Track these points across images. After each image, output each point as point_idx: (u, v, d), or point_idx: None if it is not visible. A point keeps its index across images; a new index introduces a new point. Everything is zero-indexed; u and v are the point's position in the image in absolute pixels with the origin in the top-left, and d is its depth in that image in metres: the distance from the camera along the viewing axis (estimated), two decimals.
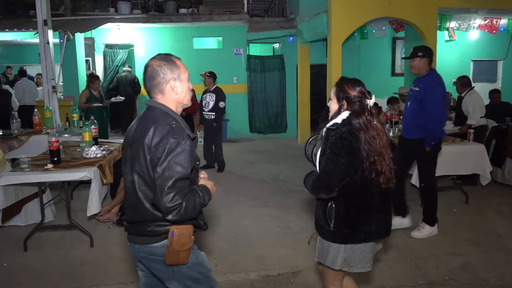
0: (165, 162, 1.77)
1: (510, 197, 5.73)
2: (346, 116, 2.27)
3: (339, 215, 2.29)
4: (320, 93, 9.75)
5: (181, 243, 1.88)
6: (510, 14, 8.36)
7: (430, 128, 4.10)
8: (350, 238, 2.30)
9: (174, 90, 1.96)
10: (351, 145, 2.19)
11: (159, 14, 9.83)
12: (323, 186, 2.22)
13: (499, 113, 7.29)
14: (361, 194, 2.28)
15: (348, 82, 2.35)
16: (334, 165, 2.18)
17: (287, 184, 6.56)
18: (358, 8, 7.34)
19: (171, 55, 2.01)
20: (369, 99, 2.31)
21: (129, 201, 1.98)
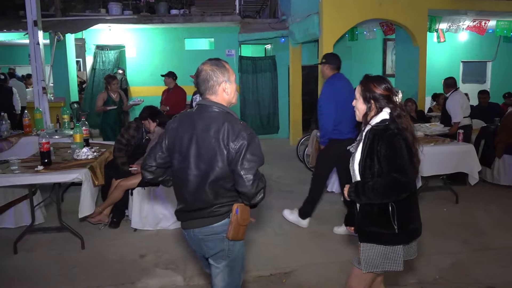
0: (246, 154, 2.01)
1: (499, 196, 5.81)
2: (386, 115, 2.24)
3: (402, 215, 2.22)
4: (311, 94, 9.78)
5: (243, 218, 2.13)
6: (498, 16, 8.47)
7: (321, 124, 4.47)
8: (414, 235, 2.30)
9: (226, 91, 2.16)
10: (406, 138, 2.18)
11: (150, 15, 9.81)
12: (402, 185, 2.12)
13: (488, 113, 7.40)
14: (414, 189, 2.26)
15: (373, 80, 2.30)
16: (402, 161, 2.13)
17: (279, 184, 6.57)
18: (349, 9, 7.38)
19: (220, 59, 2.20)
20: (397, 96, 2.31)
21: (190, 191, 2.14)
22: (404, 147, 2.14)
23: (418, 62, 7.97)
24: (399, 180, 2.10)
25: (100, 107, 6.85)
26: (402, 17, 7.66)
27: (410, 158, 2.16)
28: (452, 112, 6.08)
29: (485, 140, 6.45)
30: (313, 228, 4.69)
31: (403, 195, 2.14)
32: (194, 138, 2.10)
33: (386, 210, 2.21)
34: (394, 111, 2.23)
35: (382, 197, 2.15)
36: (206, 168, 2.07)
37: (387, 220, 2.21)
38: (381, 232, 2.24)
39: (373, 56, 11.26)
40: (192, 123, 2.14)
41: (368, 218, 2.28)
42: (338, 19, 7.37)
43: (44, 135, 4.13)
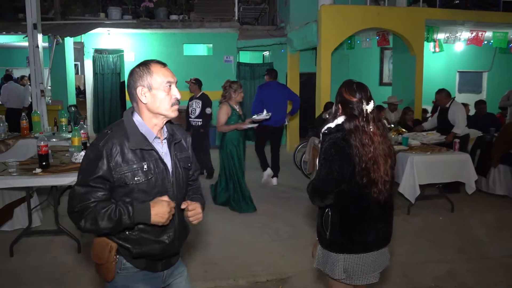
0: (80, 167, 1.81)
1: (494, 205, 5.85)
2: (341, 121, 2.19)
3: (335, 224, 2.20)
4: (309, 101, 9.84)
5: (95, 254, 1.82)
6: (494, 27, 8.57)
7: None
8: (346, 248, 2.21)
9: (141, 99, 1.79)
10: (344, 150, 2.10)
11: (149, 20, 9.85)
12: (318, 193, 2.16)
13: (484, 123, 7.46)
14: (358, 203, 2.19)
15: (346, 86, 2.25)
16: (327, 171, 2.11)
17: (275, 191, 6.59)
18: (348, 18, 7.46)
19: (151, 60, 1.84)
20: (367, 105, 2.18)
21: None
22: (336, 158, 2.09)
23: (415, 71, 8.05)
24: (316, 188, 2.17)
25: (224, 126, 5.34)
26: (399, 27, 7.74)
27: (342, 170, 2.09)
28: (460, 122, 6.11)
29: (481, 150, 6.50)
30: (310, 235, 4.70)
31: (317, 201, 2.19)
32: None
33: (323, 214, 2.26)
34: (350, 120, 2.15)
35: (309, 198, 2.23)
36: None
37: (321, 224, 2.27)
38: (321, 233, 2.29)
39: (370, 64, 11.35)
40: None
41: (317, 217, 2.36)
42: (337, 27, 7.44)
43: (42, 138, 4.12)
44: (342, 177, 2.11)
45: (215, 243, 4.46)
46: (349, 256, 2.21)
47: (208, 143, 7.50)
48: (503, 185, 6.17)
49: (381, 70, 11.50)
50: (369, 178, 2.13)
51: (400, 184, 5.17)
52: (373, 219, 2.22)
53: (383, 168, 2.16)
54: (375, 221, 2.22)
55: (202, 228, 4.83)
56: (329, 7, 7.38)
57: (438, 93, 6.42)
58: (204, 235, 4.65)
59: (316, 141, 6.21)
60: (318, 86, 7.82)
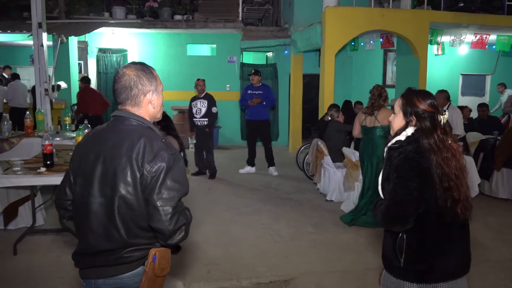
0: (166, 181, 1.60)
1: (497, 209, 5.84)
2: (411, 133, 1.95)
3: (411, 249, 1.93)
4: (312, 102, 9.84)
5: (162, 268, 1.70)
6: (499, 31, 8.56)
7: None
8: (425, 276, 1.95)
9: (152, 103, 1.77)
10: (420, 165, 1.86)
11: (154, 20, 9.87)
12: (396, 217, 1.89)
13: (487, 126, 7.46)
14: (437, 225, 1.93)
15: (417, 94, 2.02)
16: (404, 192, 1.84)
17: (278, 192, 6.59)
18: (352, 20, 7.46)
19: (147, 64, 1.82)
20: (442, 115, 1.99)
21: (94, 226, 1.67)
22: (413, 175, 1.85)
23: (419, 74, 8.04)
24: (392, 211, 1.89)
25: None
26: (403, 29, 7.74)
27: (421, 189, 1.85)
28: (457, 124, 6.13)
29: (484, 153, 6.50)
30: (313, 237, 4.71)
31: (397, 227, 1.92)
32: (101, 156, 1.67)
33: (396, 239, 1.98)
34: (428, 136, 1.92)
35: (383, 223, 1.98)
36: (113, 194, 1.62)
37: (394, 250, 1.99)
38: (391, 260, 2.02)
39: (373, 66, 11.34)
40: (101, 138, 1.73)
41: (385, 242, 2.09)
42: (341, 29, 7.44)
43: (47, 137, 4.14)
44: (421, 196, 1.86)
45: (218, 244, 4.47)
46: (426, 286, 1.96)
47: (212, 143, 7.54)
48: (506, 188, 6.16)
49: (385, 72, 11.49)
50: (453, 199, 1.91)
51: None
52: (454, 242, 1.99)
53: (464, 182, 1.95)
54: (456, 244, 2.00)
55: (205, 228, 4.84)
56: (334, 9, 7.38)
57: (440, 93, 6.39)
58: (207, 236, 4.65)
59: (319, 142, 6.21)
60: (321, 87, 7.82)
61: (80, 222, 1.73)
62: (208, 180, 7.21)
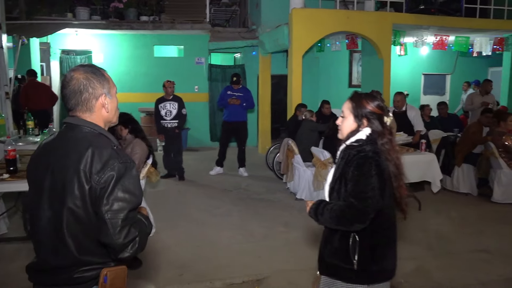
0: (115, 191, 1.50)
1: (458, 203, 6.09)
2: (369, 133, 1.99)
3: (365, 250, 1.92)
4: (280, 103, 9.94)
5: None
6: (457, 32, 8.93)
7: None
8: (378, 277, 1.96)
9: (105, 107, 1.66)
10: (379, 165, 1.90)
11: (119, 21, 9.69)
12: (358, 214, 1.86)
13: (448, 124, 7.77)
14: (388, 224, 1.98)
15: (366, 97, 2.05)
16: (367, 188, 1.85)
17: (248, 192, 6.63)
18: (318, 21, 7.60)
19: (97, 66, 1.72)
20: (388, 117, 2.04)
21: (44, 243, 1.59)
22: (374, 173, 1.87)
23: (383, 74, 8.28)
24: (355, 207, 1.86)
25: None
26: (368, 31, 7.95)
27: (381, 188, 1.89)
28: (417, 122, 6.37)
29: (445, 150, 6.77)
30: (284, 236, 4.77)
31: (356, 225, 1.88)
32: (49, 167, 1.58)
33: (347, 241, 1.94)
34: (381, 136, 1.99)
35: (334, 221, 1.91)
36: (60, 208, 1.53)
37: (346, 253, 1.94)
38: (339, 265, 1.97)
39: (339, 67, 11.57)
40: (50, 148, 1.64)
41: (328, 247, 2.04)
42: (308, 30, 7.56)
43: (10, 142, 4.01)
44: (382, 194, 1.89)
45: (190, 246, 4.45)
46: (377, 286, 1.97)
47: (181, 145, 7.49)
48: (467, 183, 6.45)
49: (350, 72, 11.74)
50: (401, 195, 1.99)
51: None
52: (395, 241, 2.06)
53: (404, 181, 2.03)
54: (395, 242, 2.05)
55: (177, 231, 4.81)
56: (300, 11, 7.50)
57: (399, 95, 6.61)
58: (179, 238, 4.63)
59: (289, 141, 6.29)
60: (289, 88, 7.92)
61: (32, 235, 1.65)
62: (178, 182, 7.17)
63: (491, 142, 6.10)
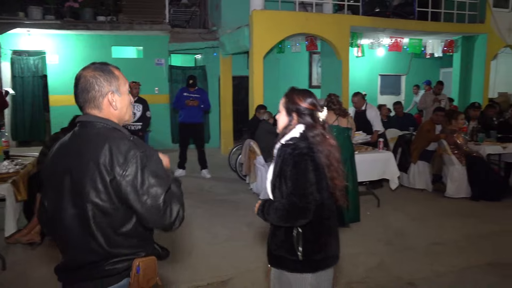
0: (146, 179, 1.53)
1: (415, 199, 6.34)
2: (302, 130, 2.07)
3: (309, 241, 2.02)
4: (242, 104, 9.97)
5: (147, 278, 1.64)
6: (411, 34, 9.30)
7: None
8: (321, 265, 2.07)
9: (113, 104, 1.68)
10: (314, 160, 1.99)
11: (75, 21, 9.37)
12: (301, 211, 1.94)
13: (403, 123, 8.07)
14: (328, 214, 2.08)
15: (298, 93, 2.13)
16: (306, 185, 1.94)
17: (212, 194, 6.60)
18: (279, 23, 7.68)
19: (108, 64, 1.75)
20: (321, 112, 2.12)
21: (71, 242, 1.62)
22: (310, 169, 1.96)
23: (341, 74, 8.48)
24: (296, 205, 1.93)
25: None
26: (326, 33, 8.12)
27: (318, 182, 1.98)
28: (376, 121, 6.57)
29: (402, 148, 7.02)
30: (248, 236, 4.79)
31: (301, 221, 1.96)
32: (68, 167, 1.60)
33: (291, 234, 2.03)
34: (311, 129, 2.07)
35: (281, 220, 2.00)
36: (85, 204, 1.55)
37: (291, 245, 2.03)
38: (285, 257, 2.06)
39: (300, 68, 11.75)
40: (67, 148, 1.66)
41: (275, 240, 2.13)
42: (268, 32, 7.63)
43: None
44: (319, 188, 1.99)
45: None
46: (321, 273, 2.08)
47: None
48: (422, 179, 6.72)
49: (310, 73, 11.95)
50: (335, 187, 2.09)
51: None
52: (335, 228, 2.17)
53: (341, 173, 2.12)
54: (336, 229, 2.17)
55: None
56: (261, 12, 7.55)
57: (356, 95, 6.78)
58: None
59: (251, 142, 6.32)
60: (251, 89, 7.96)
61: (58, 237, 1.67)
62: None
63: (444, 139, 6.39)
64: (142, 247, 1.67)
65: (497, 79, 11.33)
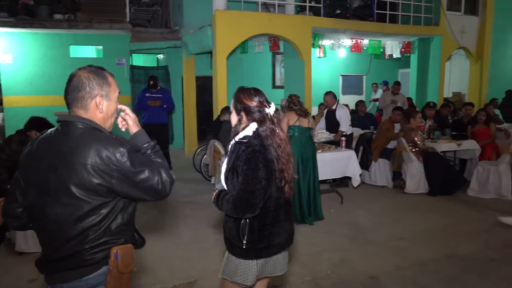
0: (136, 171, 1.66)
1: (376, 195, 6.52)
2: (255, 128, 2.19)
3: (253, 231, 2.17)
4: (206, 104, 9.91)
5: (125, 264, 1.74)
6: (370, 36, 9.55)
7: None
8: (263, 253, 2.21)
9: (99, 107, 1.75)
10: (265, 157, 2.10)
11: (30, 19, 8.99)
12: (247, 205, 2.07)
13: (364, 122, 8.29)
14: (275, 207, 2.21)
15: (244, 92, 2.25)
16: (255, 181, 2.06)
17: (176, 195, 6.51)
18: (241, 23, 7.69)
19: (104, 69, 1.82)
20: (268, 108, 2.24)
21: (54, 235, 1.71)
22: (261, 166, 2.08)
23: (304, 75, 8.60)
24: (245, 200, 2.06)
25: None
26: (289, 33, 8.21)
27: (268, 178, 2.10)
28: (343, 121, 6.69)
29: (363, 146, 7.21)
30: (214, 237, 4.76)
31: (248, 215, 2.11)
32: (53, 165, 1.67)
33: (239, 223, 2.19)
34: (260, 125, 2.19)
35: (230, 212, 2.13)
36: (70, 202, 1.65)
37: (238, 233, 2.19)
38: (233, 243, 2.23)
39: (263, 68, 11.80)
40: (50, 146, 1.72)
41: (227, 226, 2.30)
42: (231, 32, 7.62)
43: None
44: (269, 184, 2.11)
45: None
46: (264, 260, 2.23)
47: None
48: (383, 176, 6.93)
49: (274, 73, 12.03)
50: (285, 180, 2.20)
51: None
52: (284, 219, 2.28)
53: (291, 166, 2.24)
54: (285, 221, 2.29)
55: None
56: (223, 12, 7.53)
57: (327, 94, 6.93)
58: None
59: (216, 143, 6.29)
60: (214, 89, 7.93)
61: (40, 230, 1.76)
62: None
63: (403, 138, 6.61)
64: (121, 235, 1.76)
65: (452, 79, 11.82)
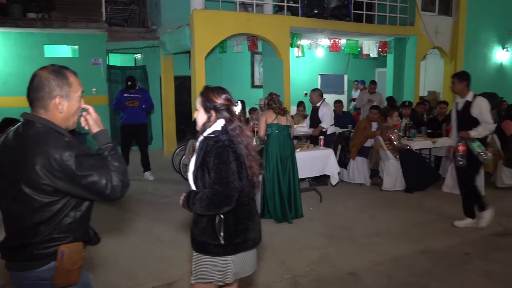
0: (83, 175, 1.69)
1: (354, 193, 6.62)
2: (223, 124, 2.24)
3: (229, 226, 2.20)
4: (184, 104, 9.87)
5: (72, 262, 1.80)
6: (348, 35, 9.67)
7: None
8: (241, 247, 2.23)
9: (59, 108, 1.78)
10: (235, 151, 2.16)
11: (2, 18, 8.77)
12: (224, 198, 2.10)
13: (342, 121, 8.38)
14: (247, 200, 2.26)
15: (213, 91, 2.29)
16: (228, 174, 2.11)
17: (156, 196, 6.48)
18: (220, 23, 7.68)
19: (66, 68, 1.84)
20: (235, 106, 2.30)
21: (9, 225, 1.82)
22: (232, 160, 2.13)
23: (283, 74, 8.65)
24: (220, 193, 2.09)
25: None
26: (267, 33, 8.24)
27: (239, 171, 2.15)
28: (324, 118, 6.77)
29: (341, 145, 7.29)
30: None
31: (225, 208, 2.13)
32: (8, 163, 1.75)
33: (214, 221, 2.20)
34: (230, 123, 2.24)
35: (205, 209, 2.14)
36: (20, 198, 1.71)
37: (213, 231, 2.19)
38: (208, 242, 2.22)
39: (242, 68, 11.81)
40: (6, 144, 1.79)
41: (198, 227, 2.27)
42: (209, 32, 7.61)
43: None
44: (241, 177, 2.16)
45: (94, 254, 4.21)
46: (241, 255, 2.24)
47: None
48: (361, 174, 7.03)
49: (253, 73, 12.06)
50: (254, 173, 2.27)
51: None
52: (256, 213, 2.36)
53: (258, 162, 2.30)
54: (256, 214, 2.36)
55: None
56: (201, 12, 7.51)
57: (313, 91, 7.04)
58: None
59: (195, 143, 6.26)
60: (193, 89, 7.90)
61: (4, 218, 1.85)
62: None
63: (380, 136, 6.72)
64: (71, 232, 1.80)
65: (427, 79, 12.07)
